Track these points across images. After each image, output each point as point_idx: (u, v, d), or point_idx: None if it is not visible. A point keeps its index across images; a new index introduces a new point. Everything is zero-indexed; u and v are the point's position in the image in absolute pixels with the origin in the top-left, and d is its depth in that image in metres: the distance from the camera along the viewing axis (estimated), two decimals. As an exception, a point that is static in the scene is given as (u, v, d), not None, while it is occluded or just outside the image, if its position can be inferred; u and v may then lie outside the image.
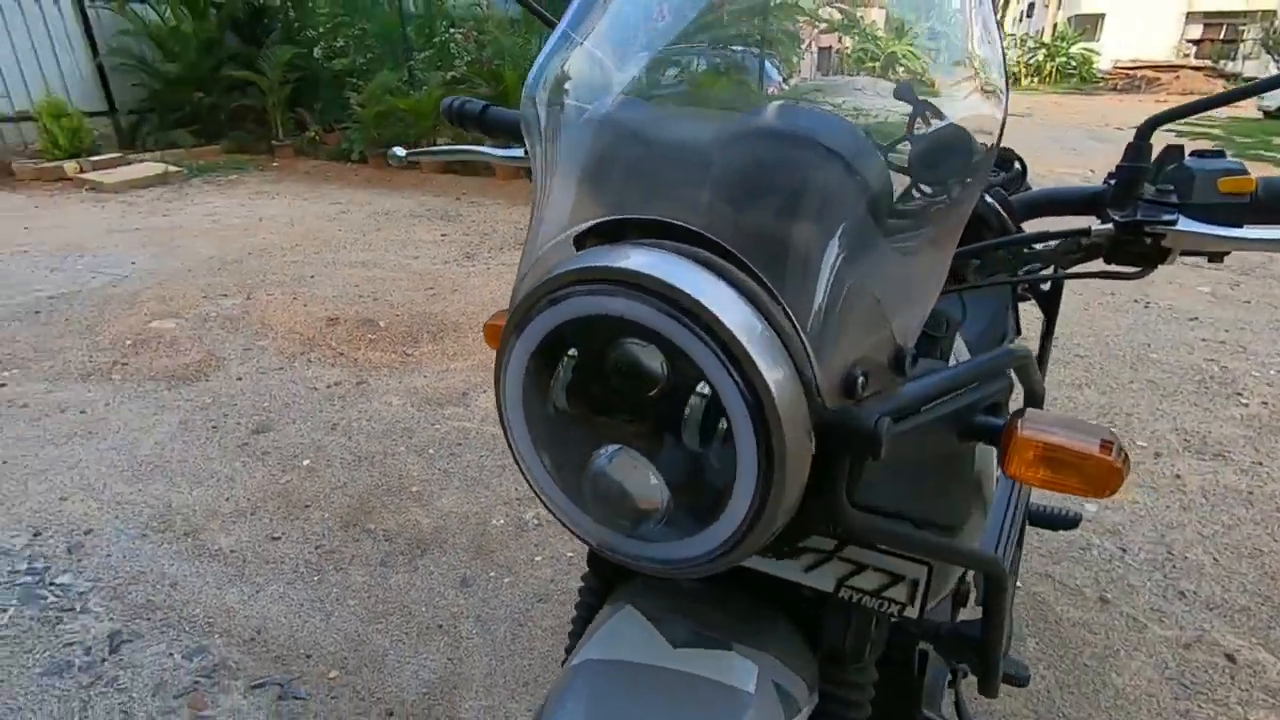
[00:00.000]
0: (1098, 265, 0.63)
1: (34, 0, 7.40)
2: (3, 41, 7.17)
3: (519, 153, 0.90)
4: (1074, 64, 15.91)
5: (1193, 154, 0.60)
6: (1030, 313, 1.52)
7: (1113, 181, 0.60)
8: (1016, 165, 0.74)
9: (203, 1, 7.97)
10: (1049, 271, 0.70)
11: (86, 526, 2.11)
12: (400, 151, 0.95)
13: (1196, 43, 25.22)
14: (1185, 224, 0.56)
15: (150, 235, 5.18)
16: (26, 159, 7.09)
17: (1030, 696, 1.58)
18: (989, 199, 0.66)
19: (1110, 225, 0.58)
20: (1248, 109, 13.07)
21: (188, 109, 8.09)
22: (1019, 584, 1.90)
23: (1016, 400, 0.60)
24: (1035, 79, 15.17)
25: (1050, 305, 1.49)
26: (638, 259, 0.40)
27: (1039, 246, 0.64)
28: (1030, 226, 0.70)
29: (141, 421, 2.70)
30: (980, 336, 1.09)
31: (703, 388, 0.38)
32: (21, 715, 1.50)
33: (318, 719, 1.51)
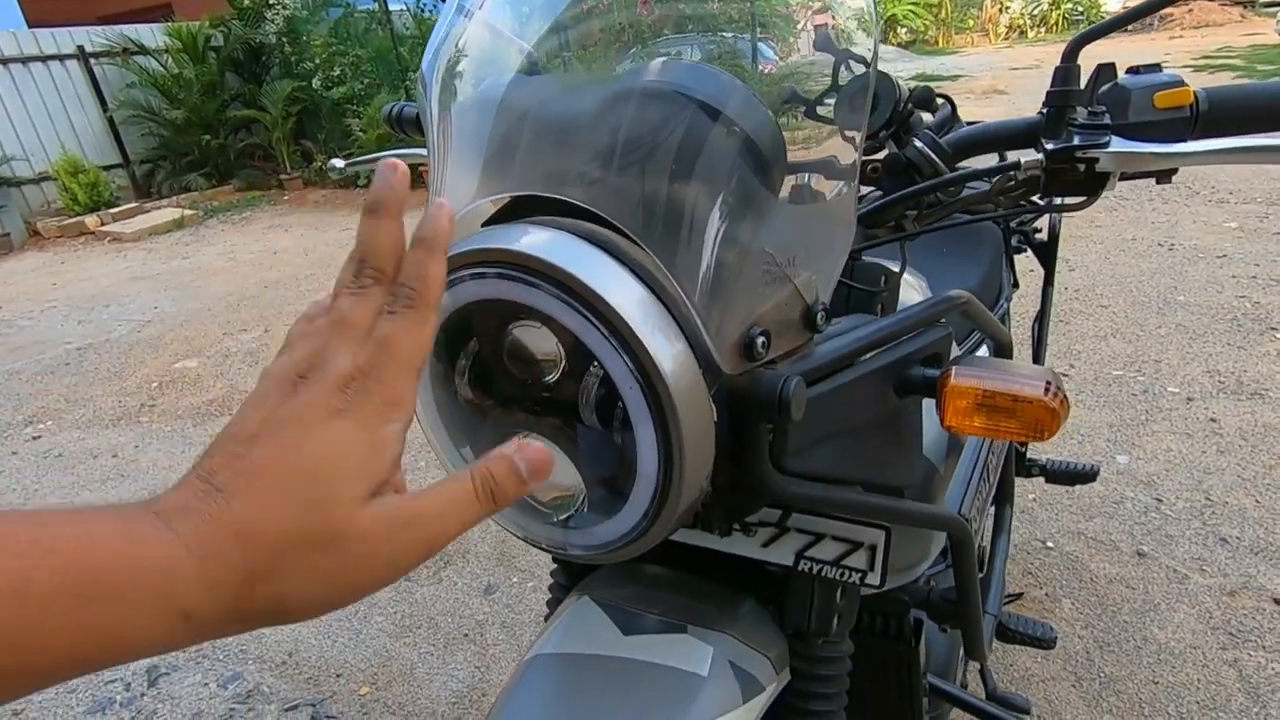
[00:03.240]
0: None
1: (43, 64, 7.64)
2: (17, 107, 7.42)
3: None
4: (1080, 9, 15.47)
5: (1128, 70, 0.57)
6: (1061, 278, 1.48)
7: (1045, 110, 0.57)
8: (945, 105, 0.70)
9: (201, 46, 8.14)
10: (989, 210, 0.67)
11: (122, 566, 2.16)
12: (339, 163, 0.95)
13: (1209, -28, 24.30)
14: (1119, 144, 0.53)
15: (171, 279, 5.32)
16: (50, 217, 7.33)
17: (1068, 658, 1.53)
18: (918, 143, 0.63)
19: (1040, 155, 0.55)
20: (1268, 34, 12.54)
21: (197, 153, 8.28)
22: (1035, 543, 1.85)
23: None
24: (1041, 29, 14.79)
25: (1047, 256, 1.44)
26: (526, 240, 0.38)
27: (974, 187, 0.62)
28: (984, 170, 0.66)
29: (169, 460, 2.76)
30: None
31: (598, 367, 0.37)
32: (69, 754, 1.55)
33: (351, 736, 1.53)
